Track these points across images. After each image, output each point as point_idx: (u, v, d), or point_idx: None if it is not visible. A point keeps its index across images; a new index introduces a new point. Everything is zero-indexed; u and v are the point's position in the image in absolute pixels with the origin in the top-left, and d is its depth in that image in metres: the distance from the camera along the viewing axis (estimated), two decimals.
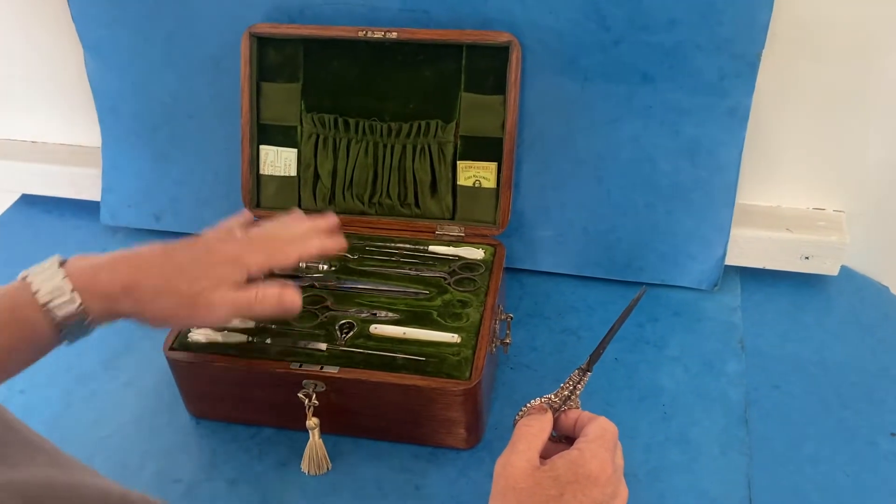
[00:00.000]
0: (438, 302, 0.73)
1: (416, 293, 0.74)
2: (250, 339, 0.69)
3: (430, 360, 0.67)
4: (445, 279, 0.75)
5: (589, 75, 0.79)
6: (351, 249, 0.80)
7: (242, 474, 0.69)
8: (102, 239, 0.97)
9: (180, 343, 0.69)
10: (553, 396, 0.59)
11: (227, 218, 0.66)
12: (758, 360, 0.77)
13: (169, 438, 0.72)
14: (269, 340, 0.69)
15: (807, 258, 0.82)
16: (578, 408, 0.58)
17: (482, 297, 0.73)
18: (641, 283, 0.85)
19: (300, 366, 0.66)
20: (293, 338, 0.69)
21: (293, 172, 0.85)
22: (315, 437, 0.67)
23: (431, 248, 0.80)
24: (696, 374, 0.76)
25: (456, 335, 0.69)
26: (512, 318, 0.75)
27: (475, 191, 0.82)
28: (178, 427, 0.73)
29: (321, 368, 0.66)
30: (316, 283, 0.75)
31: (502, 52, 0.78)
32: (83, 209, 1.00)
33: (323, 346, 0.68)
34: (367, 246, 0.80)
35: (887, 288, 0.85)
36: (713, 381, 0.75)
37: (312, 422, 0.66)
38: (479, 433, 0.70)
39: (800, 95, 0.78)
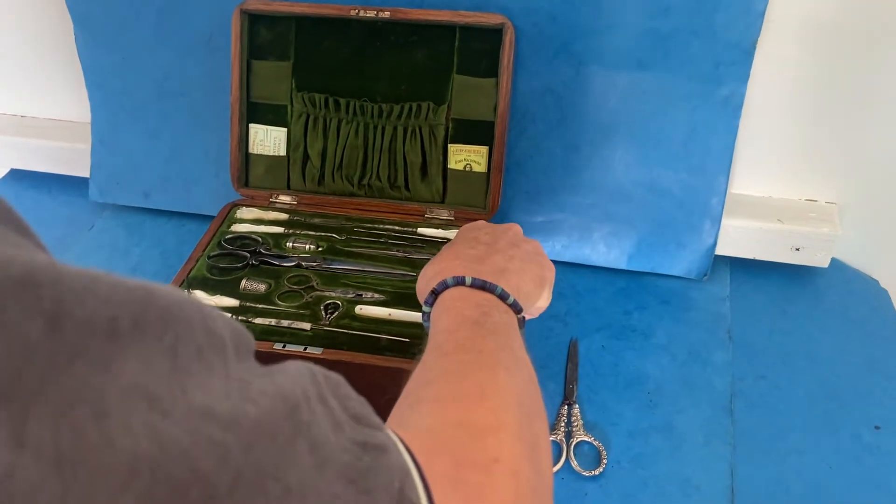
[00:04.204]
0: None
1: (403, 275, 0.74)
2: (234, 317, 0.69)
3: (415, 340, 0.66)
4: None
5: (583, 60, 0.78)
6: (338, 230, 0.79)
7: None
8: (91, 216, 0.96)
9: None
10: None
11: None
12: (745, 350, 0.77)
13: None
14: (253, 319, 0.69)
15: (797, 249, 0.82)
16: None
17: None
18: (631, 271, 0.84)
19: (283, 346, 0.66)
20: (277, 317, 0.69)
21: (283, 152, 0.84)
22: None
23: (420, 230, 0.79)
24: (682, 363, 0.76)
25: None
26: None
27: (466, 174, 0.81)
28: None
29: (305, 349, 0.65)
30: (302, 263, 0.75)
31: (496, 34, 0.77)
32: (72, 185, 0.99)
33: (307, 325, 0.68)
34: (356, 227, 0.80)
35: (877, 281, 0.85)
36: (699, 370, 0.75)
37: None
38: None
39: (794, 85, 0.77)
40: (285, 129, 0.84)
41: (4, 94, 1.02)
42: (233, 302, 0.71)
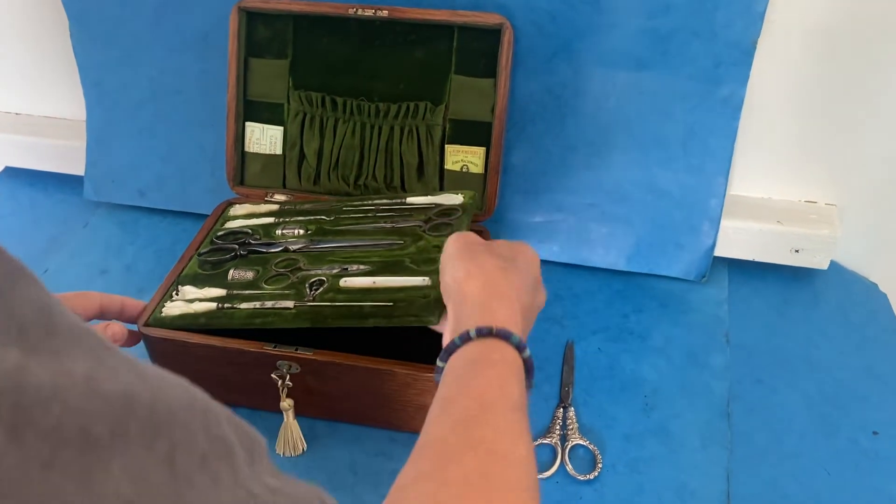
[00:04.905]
0: (412, 249, 0.71)
1: (391, 244, 0.72)
2: (220, 305, 0.68)
3: (399, 304, 0.64)
4: (421, 227, 0.73)
5: (582, 60, 0.77)
6: (328, 212, 0.78)
7: None
8: (85, 214, 0.96)
9: (154, 318, 0.68)
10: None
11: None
12: (742, 353, 0.76)
13: None
14: (238, 305, 0.67)
15: (797, 251, 0.81)
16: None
17: None
18: (628, 273, 0.84)
19: (274, 346, 0.65)
20: (262, 300, 0.68)
21: (279, 151, 0.83)
22: (289, 419, 0.66)
23: (409, 199, 0.78)
24: (679, 367, 0.75)
25: (427, 278, 0.66)
26: None
27: (462, 175, 0.81)
28: None
29: (296, 350, 0.65)
30: (289, 248, 0.74)
31: (494, 34, 0.76)
32: (67, 183, 0.99)
33: (290, 304, 0.66)
34: (344, 206, 0.78)
35: (876, 285, 0.84)
36: (696, 373, 0.74)
37: (286, 403, 0.65)
38: None
39: (794, 86, 0.77)
40: (282, 128, 0.83)
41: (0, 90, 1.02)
42: (220, 292, 0.69)
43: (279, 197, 0.83)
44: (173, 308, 0.68)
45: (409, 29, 0.78)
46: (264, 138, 0.84)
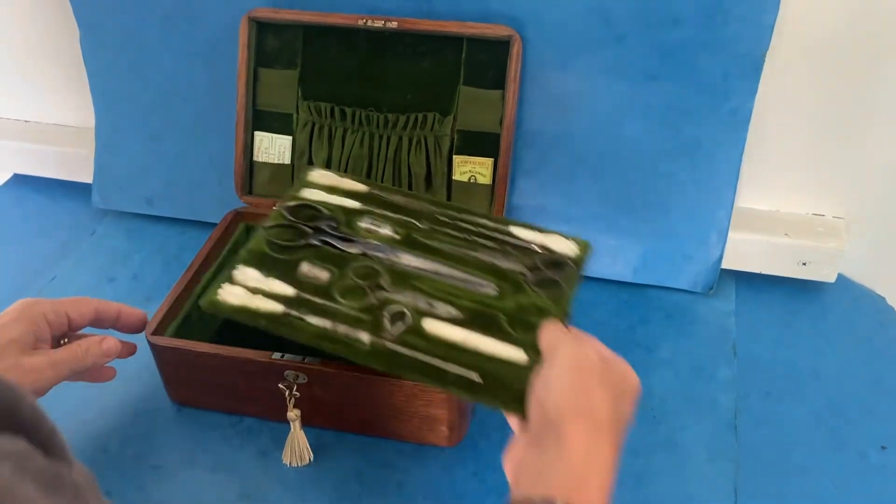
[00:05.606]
0: (511, 304, 0.60)
1: (485, 286, 0.62)
2: (287, 310, 0.60)
3: (487, 380, 0.55)
4: (524, 276, 0.63)
5: (590, 72, 0.77)
6: (418, 213, 0.68)
7: (222, 463, 0.68)
8: (93, 222, 0.96)
9: (209, 300, 0.61)
10: None
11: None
12: (750, 366, 0.76)
13: (150, 424, 0.71)
14: (307, 317, 0.59)
15: (804, 264, 0.81)
16: None
17: (565, 307, 0.60)
18: (635, 284, 0.84)
19: (282, 356, 0.65)
20: (335, 319, 0.59)
21: (287, 160, 0.84)
22: (296, 429, 0.66)
23: (512, 229, 0.67)
24: (686, 379, 0.75)
25: (524, 355, 0.56)
26: None
27: (470, 186, 0.81)
28: (159, 413, 0.72)
29: (304, 360, 0.65)
30: (367, 252, 0.64)
31: (503, 46, 0.77)
32: (74, 191, 0.99)
33: (366, 336, 0.58)
34: (439, 213, 0.68)
35: (884, 298, 0.84)
36: (703, 386, 0.74)
37: (293, 413, 0.65)
38: (463, 431, 0.69)
39: (803, 99, 0.77)
40: (290, 138, 0.83)
41: (8, 98, 1.02)
42: (289, 291, 0.61)
43: None
44: (232, 294, 0.61)
45: (419, 40, 0.79)
46: (273, 147, 0.84)
